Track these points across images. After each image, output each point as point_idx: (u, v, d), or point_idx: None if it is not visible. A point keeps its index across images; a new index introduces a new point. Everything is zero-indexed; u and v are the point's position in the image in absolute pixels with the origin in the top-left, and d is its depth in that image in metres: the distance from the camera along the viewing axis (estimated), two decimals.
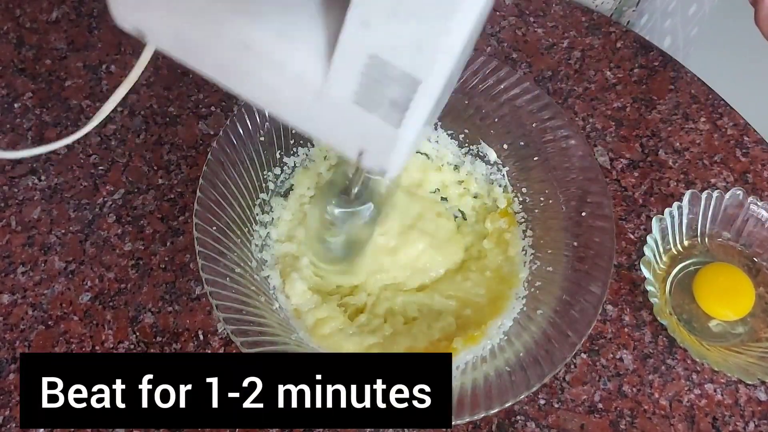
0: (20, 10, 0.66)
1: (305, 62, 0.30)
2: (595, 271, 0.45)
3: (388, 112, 0.29)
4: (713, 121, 0.60)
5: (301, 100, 0.31)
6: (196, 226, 0.45)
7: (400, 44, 0.27)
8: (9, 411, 0.48)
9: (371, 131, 0.30)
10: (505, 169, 0.53)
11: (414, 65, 0.27)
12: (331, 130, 0.32)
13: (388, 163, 0.32)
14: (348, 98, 0.29)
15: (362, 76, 0.28)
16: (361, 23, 0.27)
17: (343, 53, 0.28)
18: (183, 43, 0.33)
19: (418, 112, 0.29)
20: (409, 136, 0.30)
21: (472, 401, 0.41)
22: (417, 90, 0.28)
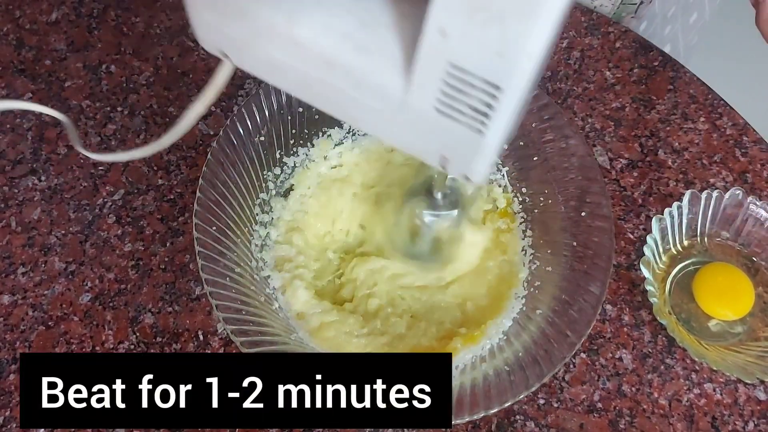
0: (20, 11, 0.66)
1: (385, 75, 0.30)
2: (594, 270, 0.45)
3: (470, 120, 0.29)
4: (712, 120, 0.60)
5: (383, 112, 0.31)
6: (195, 227, 0.45)
7: (479, 51, 0.27)
8: (9, 411, 0.48)
9: (454, 139, 0.30)
10: (504, 168, 0.53)
11: (494, 72, 0.27)
12: (414, 139, 0.32)
13: (471, 171, 0.32)
14: (430, 108, 0.30)
15: (443, 84, 0.28)
16: (438, 32, 0.27)
17: (422, 63, 0.28)
18: (266, 65, 0.33)
19: (501, 118, 0.29)
20: (493, 142, 0.30)
21: (471, 401, 0.41)
22: (498, 97, 0.28)
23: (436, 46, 0.27)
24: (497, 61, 0.27)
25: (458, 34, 0.27)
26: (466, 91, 0.28)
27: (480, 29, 0.26)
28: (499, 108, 0.28)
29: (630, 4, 0.67)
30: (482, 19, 0.26)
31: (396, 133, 0.33)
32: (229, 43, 0.33)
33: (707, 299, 0.50)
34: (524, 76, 0.27)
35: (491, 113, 0.28)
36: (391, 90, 0.30)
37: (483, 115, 0.29)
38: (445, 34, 0.27)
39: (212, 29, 0.33)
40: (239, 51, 0.34)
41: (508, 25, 0.26)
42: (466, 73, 0.28)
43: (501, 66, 0.27)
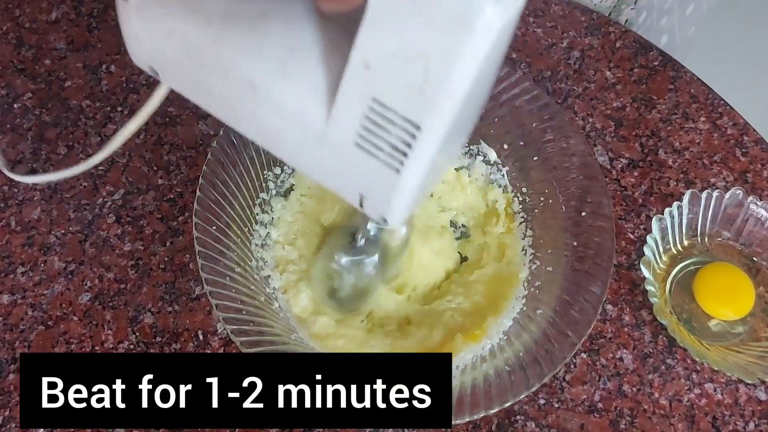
0: (20, 10, 0.66)
1: (307, 103, 0.29)
2: (595, 270, 0.45)
3: (388, 158, 0.28)
4: (713, 120, 0.60)
5: (303, 142, 0.31)
6: (195, 226, 0.45)
7: (401, 89, 0.26)
8: (9, 411, 0.48)
9: (372, 176, 0.30)
10: (504, 169, 0.53)
11: (414, 110, 0.26)
12: (332, 173, 0.32)
13: (388, 211, 0.31)
14: (349, 141, 0.29)
15: (364, 119, 0.28)
16: (363, 64, 0.26)
17: (344, 95, 0.28)
18: (192, 84, 0.33)
19: (420, 159, 0.28)
20: (411, 183, 0.29)
21: (471, 401, 0.41)
22: (417, 136, 0.27)
23: (360, 78, 0.27)
24: (418, 100, 0.26)
25: (382, 68, 0.26)
26: (386, 127, 0.27)
27: (403, 65, 0.25)
28: (418, 148, 0.27)
29: None
30: (406, 55, 0.25)
31: (316, 166, 0.32)
32: (158, 60, 0.33)
33: (708, 299, 0.50)
34: (446, 118, 0.26)
35: (410, 153, 0.28)
36: (312, 119, 0.29)
37: (401, 154, 0.28)
38: (369, 66, 0.26)
39: (142, 45, 0.33)
40: (168, 69, 0.33)
41: (430, 63, 0.25)
42: (387, 109, 0.27)
43: (422, 105, 0.26)
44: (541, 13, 0.65)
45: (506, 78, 0.50)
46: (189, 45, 0.31)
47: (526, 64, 0.63)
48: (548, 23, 0.65)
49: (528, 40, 0.64)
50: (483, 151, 0.54)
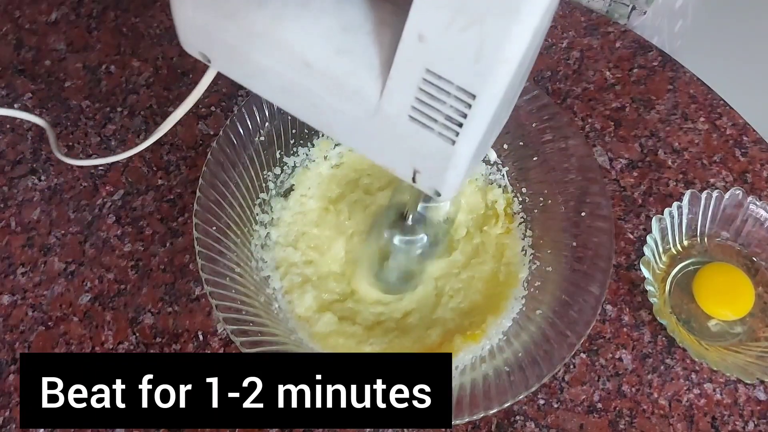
0: (19, 12, 0.66)
1: (362, 78, 0.30)
2: (594, 271, 0.45)
3: (443, 129, 0.29)
4: (712, 120, 0.60)
5: (357, 118, 0.31)
6: (195, 227, 0.45)
7: (455, 57, 0.27)
8: (9, 412, 0.48)
9: (426, 149, 0.30)
10: (504, 169, 0.53)
11: (470, 79, 0.27)
12: (386, 149, 0.32)
13: (441, 184, 0.32)
14: (403, 114, 0.29)
15: (418, 91, 0.28)
16: (417, 37, 0.27)
17: (399, 68, 0.28)
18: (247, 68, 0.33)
19: (474, 128, 0.28)
20: (465, 153, 0.29)
21: (471, 401, 0.41)
22: (472, 105, 0.27)
23: (414, 51, 0.27)
24: (474, 69, 0.26)
25: (436, 39, 0.26)
26: (441, 98, 0.28)
27: (458, 34, 0.26)
28: (473, 117, 0.28)
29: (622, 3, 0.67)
30: (461, 23, 0.26)
31: (369, 142, 0.32)
32: (212, 44, 0.33)
33: (707, 299, 0.50)
34: (501, 85, 0.27)
35: (465, 122, 0.28)
36: (367, 94, 0.30)
37: (456, 125, 0.28)
38: (423, 39, 0.27)
39: (197, 30, 0.33)
40: (222, 53, 0.33)
41: (486, 29, 0.25)
42: (441, 80, 0.27)
43: (477, 73, 0.27)
44: None
45: None
46: (244, 28, 0.31)
47: None
48: None
49: None
50: None
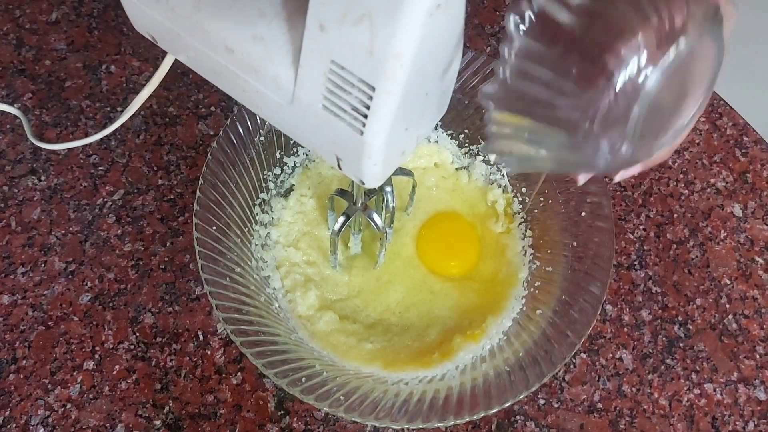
0: (20, 11, 0.66)
1: (278, 66, 0.30)
2: (595, 271, 0.45)
3: (351, 119, 0.29)
4: (713, 121, 0.60)
5: (278, 104, 0.31)
6: (195, 226, 0.45)
7: (353, 49, 0.27)
8: (9, 411, 0.48)
9: (341, 138, 0.30)
10: (505, 169, 0.53)
11: (368, 72, 0.27)
12: (308, 135, 0.32)
13: (363, 173, 0.31)
14: (317, 103, 0.29)
15: (326, 80, 0.28)
16: (319, 27, 0.27)
17: (307, 57, 0.28)
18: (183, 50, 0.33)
19: (379, 120, 0.28)
20: (375, 144, 0.29)
21: (471, 401, 0.41)
22: (373, 97, 0.27)
23: (318, 41, 0.27)
24: (370, 61, 0.26)
25: (335, 30, 0.27)
26: (346, 89, 0.28)
27: (353, 26, 0.26)
28: (376, 109, 0.28)
29: None
30: (354, 16, 0.26)
31: (294, 128, 0.33)
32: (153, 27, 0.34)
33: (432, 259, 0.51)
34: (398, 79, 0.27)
35: (369, 114, 0.28)
36: (283, 81, 0.30)
37: (362, 116, 0.28)
38: (324, 29, 0.27)
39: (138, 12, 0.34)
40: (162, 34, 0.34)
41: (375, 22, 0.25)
42: (344, 71, 0.27)
43: (373, 66, 0.26)
44: None
45: None
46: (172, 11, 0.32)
47: None
48: None
49: None
50: (483, 151, 0.54)
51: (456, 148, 0.55)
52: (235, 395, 0.49)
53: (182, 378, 0.49)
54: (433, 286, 0.52)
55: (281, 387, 0.41)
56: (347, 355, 0.47)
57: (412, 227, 0.54)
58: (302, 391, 0.40)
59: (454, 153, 0.55)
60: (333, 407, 0.40)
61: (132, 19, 0.35)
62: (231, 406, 0.48)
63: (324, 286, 0.51)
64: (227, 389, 0.49)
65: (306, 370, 0.42)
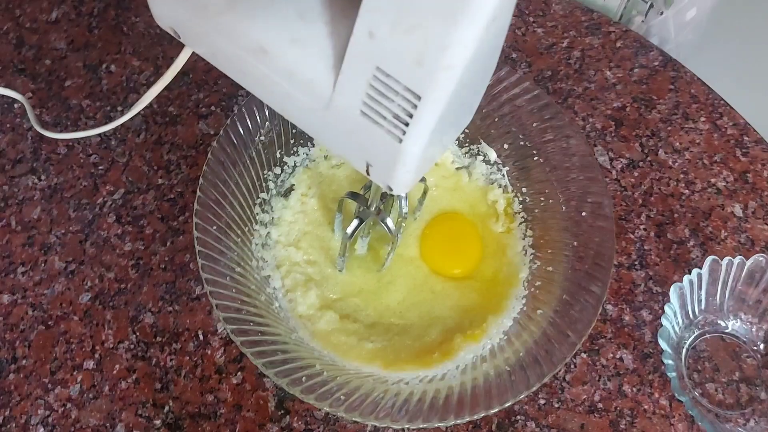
0: (20, 10, 0.66)
1: (315, 70, 0.30)
2: (595, 270, 0.45)
3: (391, 127, 0.29)
4: (713, 120, 0.60)
5: (311, 108, 0.31)
6: (196, 226, 0.45)
7: (402, 58, 0.26)
8: (9, 411, 0.48)
9: (376, 145, 0.30)
10: (505, 168, 0.53)
11: (415, 81, 0.27)
12: (340, 140, 0.32)
13: (393, 180, 0.31)
14: (355, 109, 0.29)
15: (368, 87, 0.28)
16: (368, 34, 0.27)
17: (350, 63, 0.28)
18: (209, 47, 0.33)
19: (421, 129, 0.28)
20: (413, 152, 0.29)
21: (472, 401, 0.41)
22: (418, 106, 0.27)
23: (364, 47, 0.27)
24: (419, 70, 0.26)
25: (385, 38, 0.26)
26: (390, 96, 0.28)
27: (404, 35, 0.26)
28: (419, 118, 0.28)
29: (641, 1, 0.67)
30: (407, 25, 0.25)
31: (325, 132, 0.33)
32: (178, 21, 0.33)
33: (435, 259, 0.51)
34: (445, 89, 0.27)
35: (411, 122, 0.28)
36: (320, 86, 0.30)
37: (403, 124, 0.28)
38: (373, 36, 0.27)
39: (163, 6, 0.33)
40: (186, 31, 0.34)
41: (429, 33, 0.25)
42: (389, 79, 0.27)
43: (422, 75, 0.26)
44: (541, 13, 0.65)
45: (506, 78, 0.50)
46: (204, 8, 0.31)
47: (527, 63, 0.63)
48: (549, 23, 0.65)
49: (528, 39, 0.64)
50: (483, 151, 0.54)
51: (456, 147, 0.55)
52: (235, 395, 0.48)
53: (182, 378, 0.49)
54: (434, 286, 0.52)
55: (281, 387, 0.41)
56: (347, 355, 0.47)
57: (415, 228, 0.54)
58: (302, 390, 0.40)
59: (454, 153, 0.55)
60: (333, 407, 0.40)
61: (155, 12, 0.34)
62: (231, 406, 0.48)
63: (325, 285, 0.51)
64: (227, 389, 0.49)
65: (306, 369, 0.42)
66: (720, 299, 0.50)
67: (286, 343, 0.44)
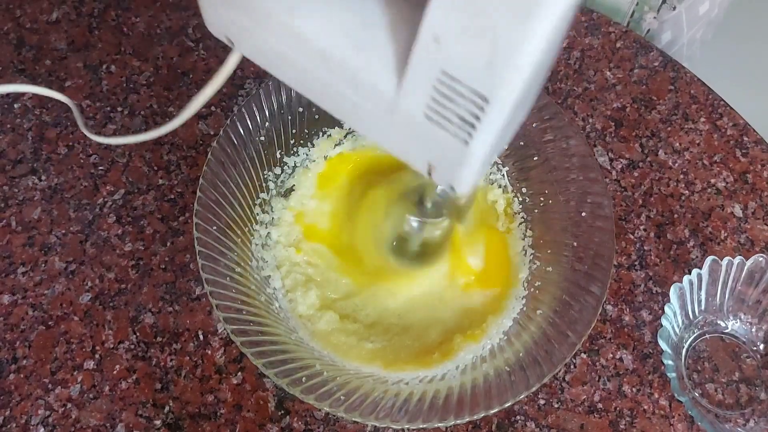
0: (20, 11, 0.66)
1: (379, 74, 0.30)
2: (595, 271, 0.45)
3: (457, 129, 0.29)
4: (713, 121, 0.60)
5: (374, 112, 0.31)
6: (196, 226, 0.45)
7: (469, 61, 0.27)
8: (9, 411, 0.48)
9: (440, 147, 0.30)
10: (504, 169, 0.53)
11: (483, 83, 0.27)
12: (402, 143, 0.32)
13: (456, 180, 0.32)
14: (419, 113, 0.30)
15: (433, 91, 0.28)
16: (433, 38, 0.27)
17: (415, 68, 0.28)
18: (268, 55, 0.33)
19: (487, 130, 0.29)
20: (478, 154, 0.30)
21: (471, 401, 0.41)
22: (485, 108, 0.27)
23: (430, 51, 0.27)
24: (487, 72, 0.26)
25: (451, 42, 0.26)
26: (455, 99, 0.28)
27: (472, 38, 0.26)
28: (486, 120, 0.28)
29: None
30: (475, 28, 0.26)
31: (386, 135, 0.33)
32: (233, 29, 0.34)
33: None
34: (513, 90, 0.27)
35: (478, 124, 0.28)
36: (383, 91, 0.30)
37: (470, 126, 0.28)
38: (438, 40, 0.27)
39: (218, 14, 0.33)
40: (243, 38, 0.34)
41: (499, 36, 0.25)
42: (456, 82, 0.27)
43: (490, 77, 0.27)
44: None
45: None
46: (264, 14, 0.31)
47: None
48: None
49: None
50: None
51: None
52: (235, 395, 0.49)
53: (182, 378, 0.49)
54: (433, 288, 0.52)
55: (281, 387, 0.41)
56: (347, 355, 0.47)
57: None
58: (302, 390, 0.40)
59: None
60: (333, 407, 0.40)
61: (207, 20, 0.34)
62: (231, 406, 0.48)
63: (325, 285, 0.51)
64: (227, 389, 0.49)
65: (306, 369, 0.42)
66: (720, 299, 0.51)
67: (286, 343, 0.44)
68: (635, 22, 0.72)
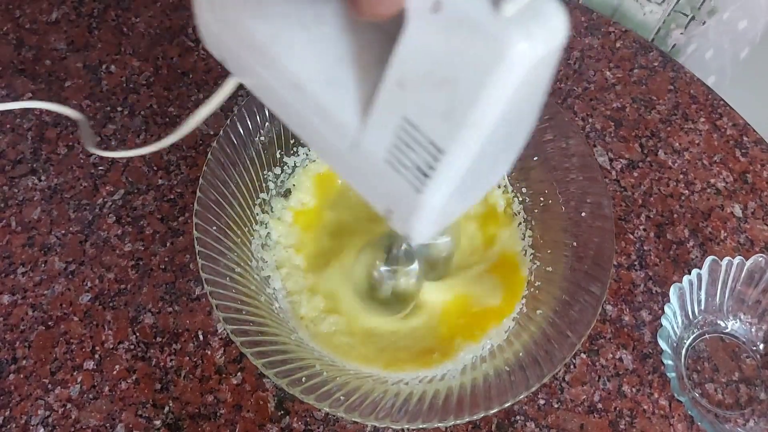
0: (20, 11, 0.66)
1: (347, 113, 0.30)
2: (595, 271, 0.45)
3: (412, 177, 0.29)
4: (712, 121, 0.60)
5: (339, 147, 0.31)
6: (196, 226, 0.45)
7: (428, 110, 0.26)
8: (9, 411, 0.48)
9: (397, 192, 0.30)
10: None
11: (439, 134, 0.27)
12: (364, 182, 0.32)
13: (410, 229, 0.31)
14: (379, 155, 0.29)
15: (393, 135, 0.28)
16: (397, 82, 0.27)
17: (379, 109, 0.28)
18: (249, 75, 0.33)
19: (442, 182, 0.28)
20: (433, 204, 0.29)
21: (471, 401, 0.41)
22: (441, 159, 0.27)
23: (394, 96, 0.27)
24: (444, 124, 0.26)
25: (414, 89, 0.26)
26: (413, 147, 0.28)
27: (432, 87, 0.26)
28: (440, 171, 0.28)
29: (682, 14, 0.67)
30: (437, 78, 0.25)
31: (349, 172, 0.33)
32: (222, 48, 0.34)
33: None
34: (469, 146, 0.27)
35: (432, 174, 0.28)
36: (348, 128, 0.30)
37: (423, 175, 0.28)
38: (403, 85, 0.27)
39: (211, 33, 0.34)
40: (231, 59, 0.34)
41: (459, 90, 0.25)
42: (414, 130, 0.27)
43: (447, 130, 0.26)
44: None
45: None
46: (247, 38, 0.32)
47: None
48: None
49: None
50: None
51: None
52: (235, 395, 0.49)
53: (182, 378, 0.49)
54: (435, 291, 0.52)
55: (281, 387, 0.41)
56: (347, 356, 0.47)
57: None
58: (302, 391, 0.40)
59: None
60: (333, 407, 0.40)
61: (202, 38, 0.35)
62: (231, 406, 0.48)
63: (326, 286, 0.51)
64: (227, 389, 0.49)
65: (306, 370, 0.42)
66: (719, 299, 0.51)
67: (286, 343, 0.44)
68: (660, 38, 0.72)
